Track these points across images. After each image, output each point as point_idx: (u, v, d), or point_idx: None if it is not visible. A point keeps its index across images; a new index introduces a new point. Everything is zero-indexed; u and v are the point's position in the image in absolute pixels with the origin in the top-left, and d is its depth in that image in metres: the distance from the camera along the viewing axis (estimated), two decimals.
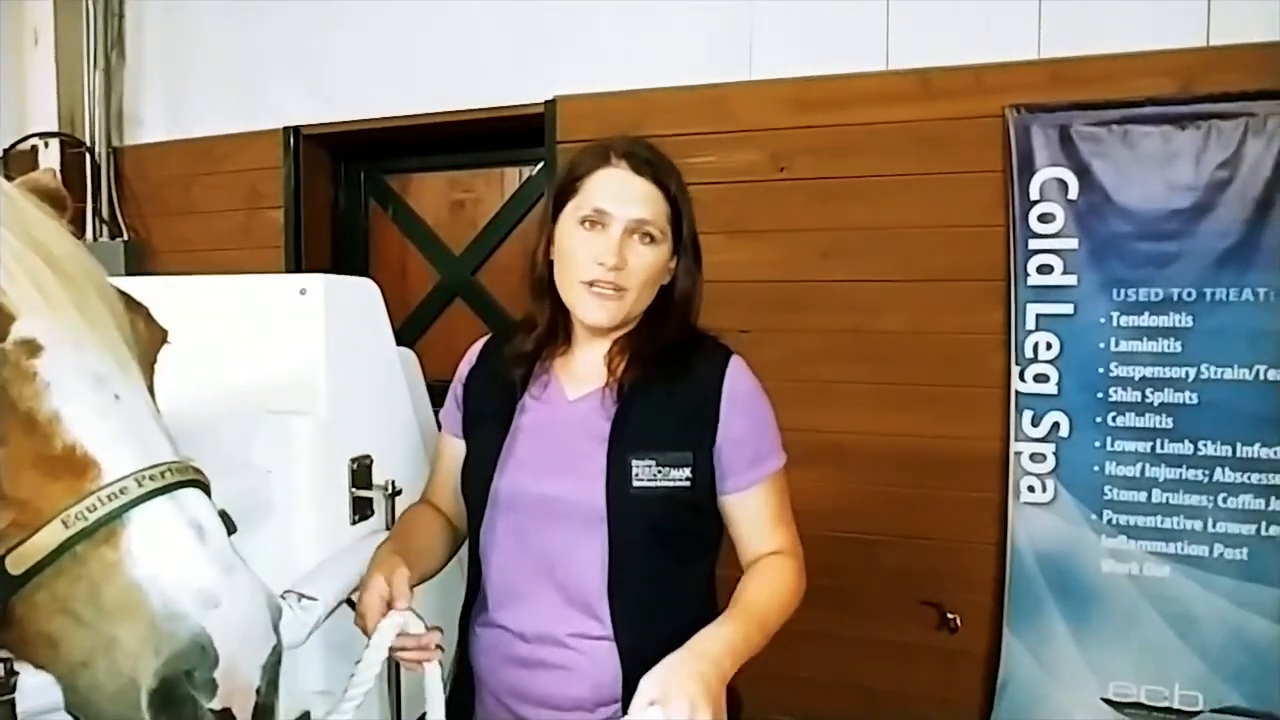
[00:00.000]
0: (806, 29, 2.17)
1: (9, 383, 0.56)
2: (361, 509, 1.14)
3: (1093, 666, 1.93)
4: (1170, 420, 1.88)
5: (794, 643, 1.96)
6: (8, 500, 0.55)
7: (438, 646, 0.94)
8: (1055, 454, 1.96)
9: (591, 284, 1.01)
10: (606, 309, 1.01)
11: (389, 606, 0.91)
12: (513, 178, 2.70)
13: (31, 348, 0.57)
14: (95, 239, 2.86)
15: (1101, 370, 1.93)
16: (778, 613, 0.99)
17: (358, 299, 1.21)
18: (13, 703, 0.64)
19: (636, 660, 0.99)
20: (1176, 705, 1.88)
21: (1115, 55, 1.90)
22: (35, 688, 0.63)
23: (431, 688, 0.94)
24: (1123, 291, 1.91)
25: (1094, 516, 1.93)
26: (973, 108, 2.00)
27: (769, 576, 1.01)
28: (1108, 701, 1.92)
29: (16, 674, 0.64)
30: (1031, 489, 1.98)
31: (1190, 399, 1.87)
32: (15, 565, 0.54)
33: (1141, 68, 1.88)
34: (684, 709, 0.79)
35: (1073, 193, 1.94)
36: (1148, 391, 1.90)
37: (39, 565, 0.54)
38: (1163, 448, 1.89)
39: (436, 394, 1.47)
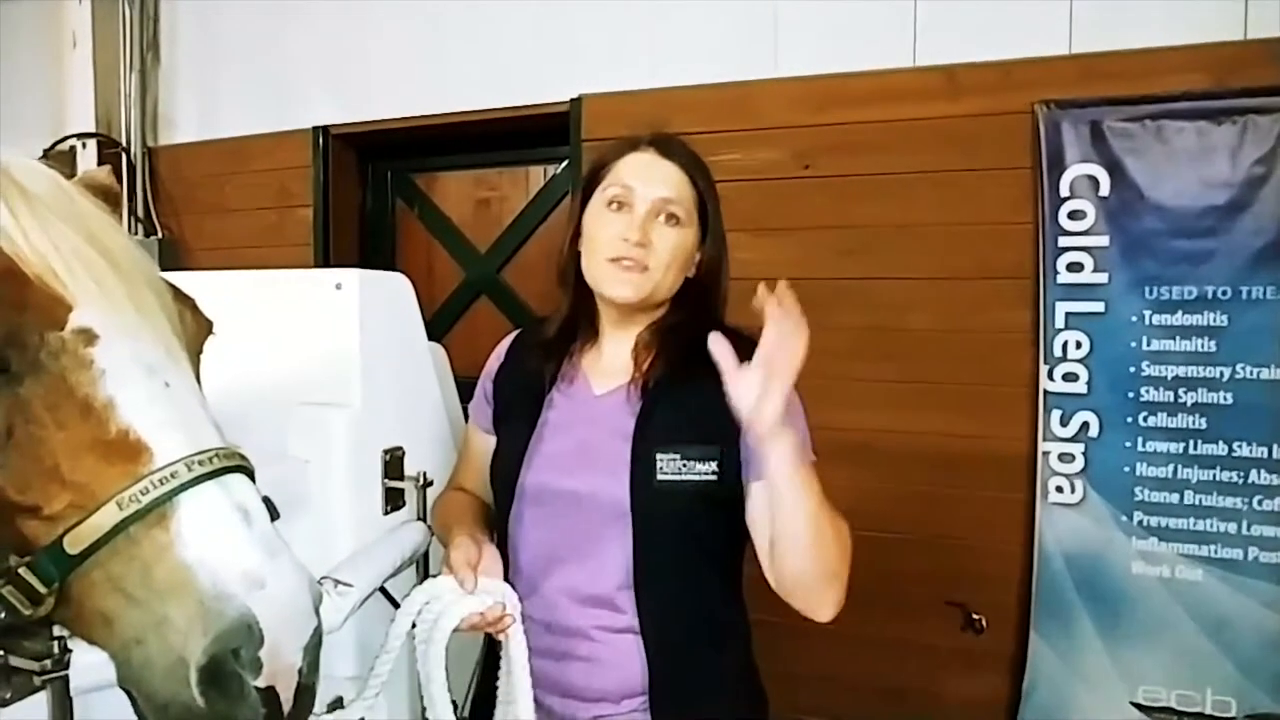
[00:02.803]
0: (832, 25, 2.16)
1: (67, 370, 0.58)
2: (393, 500, 1.16)
3: (1122, 670, 1.91)
4: (1204, 421, 1.85)
5: (818, 642, 1.97)
6: (66, 483, 0.57)
7: (506, 616, 0.95)
8: (1084, 454, 1.93)
9: (616, 260, 1.02)
10: (631, 282, 1.02)
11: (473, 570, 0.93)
12: (538, 176, 2.72)
13: (88, 336, 0.59)
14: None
15: (1133, 369, 1.90)
16: (833, 519, 0.94)
17: (391, 294, 1.23)
18: (67, 678, 0.67)
19: (662, 654, 0.99)
20: (1208, 710, 1.84)
21: (1149, 49, 1.87)
22: (86, 667, 0.65)
23: (515, 654, 0.95)
24: (1155, 289, 1.88)
25: (1124, 518, 1.91)
26: (1001, 104, 1.98)
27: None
28: (1137, 706, 1.90)
29: (70, 651, 0.67)
30: (1060, 489, 1.96)
31: (1225, 399, 1.83)
32: (73, 545, 0.56)
33: (1176, 62, 1.85)
34: (776, 394, 0.85)
35: (1104, 189, 1.91)
36: (1180, 391, 1.86)
37: (95, 545, 0.56)
38: (1196, 449, 1.86)
39: (464, 390, 1.49)
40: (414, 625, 0.93)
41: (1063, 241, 1.95)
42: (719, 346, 0.88)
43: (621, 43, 2.35)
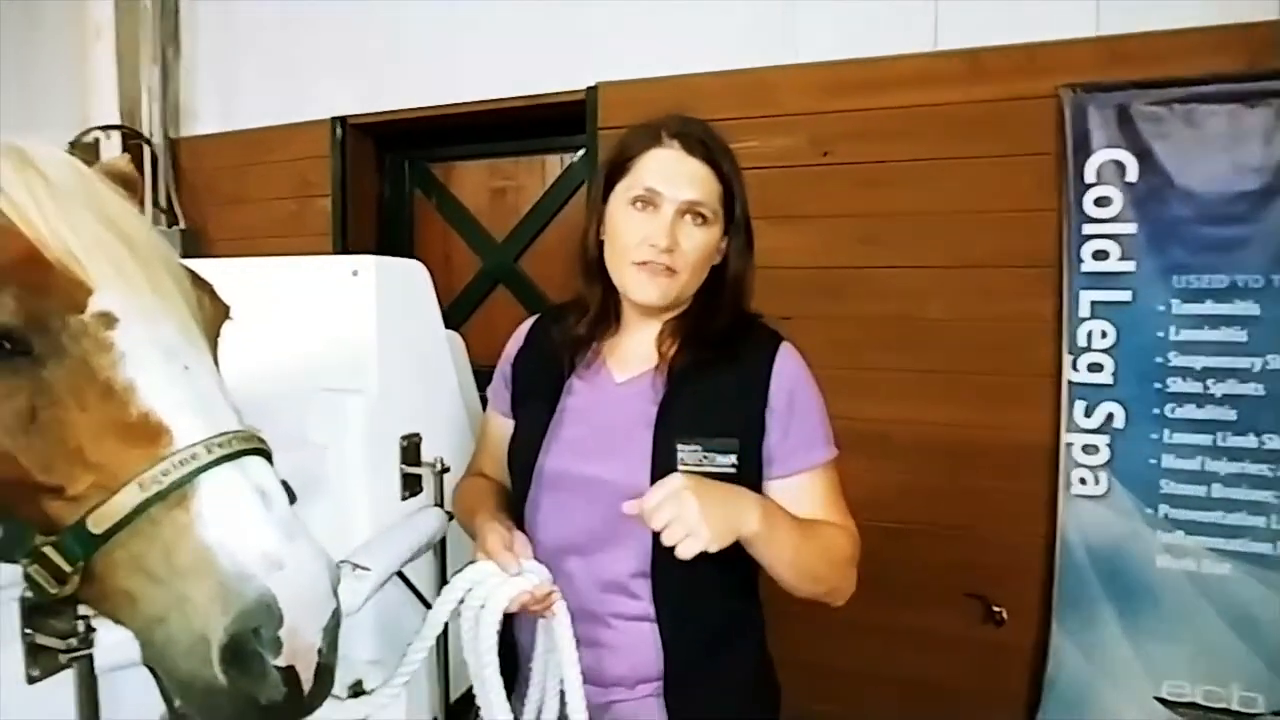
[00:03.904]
0: (852, 9, 2.12)
1: (88, 353, 0.59)
2: (411, 485, 1.17)
3: (1146, 665, 1.88)
4: (1233, 412, 1.81)
5: (835, 633, 1.96)
6: (88, 464, 0.58)
7: (553, 592, 0.96)
8: (1109, 446, 1.90)
9: (643, 264, 1.01)
10: (658, 286, 1.02)
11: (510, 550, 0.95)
12: (554, 165, 2.72)
13: (108, 320, 0.60)
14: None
15: (1160, 360, 1.86)
16: (818, 547, 0.97)
17: (407, 280, 1.23)
18: (92, 657, 0.68)
19: (678, 642, 1.00)
20: (1235, 706, 1.81)
21: (1178, 30, 1.82)
22: (111, 645, 0.66)
23: (560, 630, 0.96)
24: (1184, 278, 1.84)
25: (1149, 511, 1.87)
26: (1025, 88, 1.94)
27: (819, 524, 1.01)
28: (1161, 701, 1.87)
29: (94, 630, 0.68)
30: (1083, 481, 1.92)
31: (1255, 390, 1.79)
32: (96, 525, 0.57)
33: (1207, 43, 1.80)
34: (678, 532, 0.85)
35: (1131, 175, 1.87)
36: (1209, 382, 1.82)
37: (118, 525, 0.57)
38: (1224, 441, 1.81)
39: (481, 377, 1.50)
40: (458, 613, 0.93)
41: (1088, 229, 1.91)
42: (630, 507, 0.90)
43: (637, 30, 2.34)
